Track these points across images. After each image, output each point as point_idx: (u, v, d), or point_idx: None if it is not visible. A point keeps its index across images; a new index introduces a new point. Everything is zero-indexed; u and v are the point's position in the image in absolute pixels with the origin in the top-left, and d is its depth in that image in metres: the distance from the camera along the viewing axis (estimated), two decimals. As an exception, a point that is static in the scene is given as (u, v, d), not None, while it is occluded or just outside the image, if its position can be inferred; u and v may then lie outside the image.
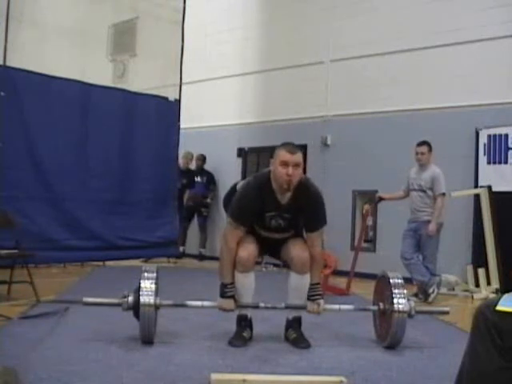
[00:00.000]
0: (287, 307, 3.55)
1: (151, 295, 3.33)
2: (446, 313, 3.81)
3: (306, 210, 3.45)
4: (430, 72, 7.37)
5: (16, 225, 5.03)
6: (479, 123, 6.89)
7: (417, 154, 5.86)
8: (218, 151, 9.32)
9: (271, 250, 3.70)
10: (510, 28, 6.72)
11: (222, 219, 8.32)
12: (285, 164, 3.29)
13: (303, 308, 3.54)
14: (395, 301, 3.43)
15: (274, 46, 9.03)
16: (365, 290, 5.67)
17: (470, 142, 6.98)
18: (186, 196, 9.34)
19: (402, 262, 5.79)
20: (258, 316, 3.71)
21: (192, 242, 9.41)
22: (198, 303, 3.58)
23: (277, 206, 3.42)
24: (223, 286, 3.46)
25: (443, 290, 6.16)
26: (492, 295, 5.65)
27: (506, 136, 6.72)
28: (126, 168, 7.73)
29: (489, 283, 6.34)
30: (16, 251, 4.75)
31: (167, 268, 7.72)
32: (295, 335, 3.52)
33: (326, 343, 3.57)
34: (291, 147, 3.37)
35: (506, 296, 1.65)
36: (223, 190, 8.84)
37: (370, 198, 7.04)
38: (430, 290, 5.65)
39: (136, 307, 3.33)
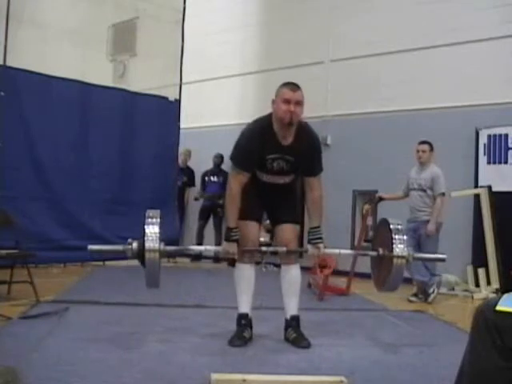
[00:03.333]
0: (288, 252, 3.53)
1: (156, 241, 3.30)
2: (443, 260, 3.78)
3: (307, 153, 3.49)
4: (430, 72, 7.36)
5: (16, 225, 5.03)
6: (479, 123, 6.89)
7: (418, 151, 5.86)
8: (217, 151, 9.30)
9: (269, 207, 3.69)
10: (509, 28, 6.72)
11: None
12: (287, 101, 3.33)
13: (305, 252, 3.57)
14: (394, 246, 3.42)
15: (274, 46, 9.02)
16: (365, 289, 5.67)
17: (470, 142, 6.98)
18: (186, 194, 9.32)
19: (401, 261, 5.79)
20: (258, 316, 3.71)
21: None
22: (201, 248, 3.59)
23: (279, 148, 3.45)
24: (229, 229, 3.49)
25: (443, 290, 6.15)
26: (492, 295, 5.65)
27: (506, 136, 6.72)
28: (126, 168, 7.73)
29: (489, 283, 6.34)
30: (16, 251, 4.75)
31: (167, 268, 7.70)
32: (295, 335, 3.51)
33: (326, 343, 3.57)
34: (293, 85, 3.41)
35: (506, 296, 1.65)
36: (224, 190, 8.83)
37: (370, 198, 7.03)
38: (430, 290, 5.65)
39: (141, 253, 3.28)
